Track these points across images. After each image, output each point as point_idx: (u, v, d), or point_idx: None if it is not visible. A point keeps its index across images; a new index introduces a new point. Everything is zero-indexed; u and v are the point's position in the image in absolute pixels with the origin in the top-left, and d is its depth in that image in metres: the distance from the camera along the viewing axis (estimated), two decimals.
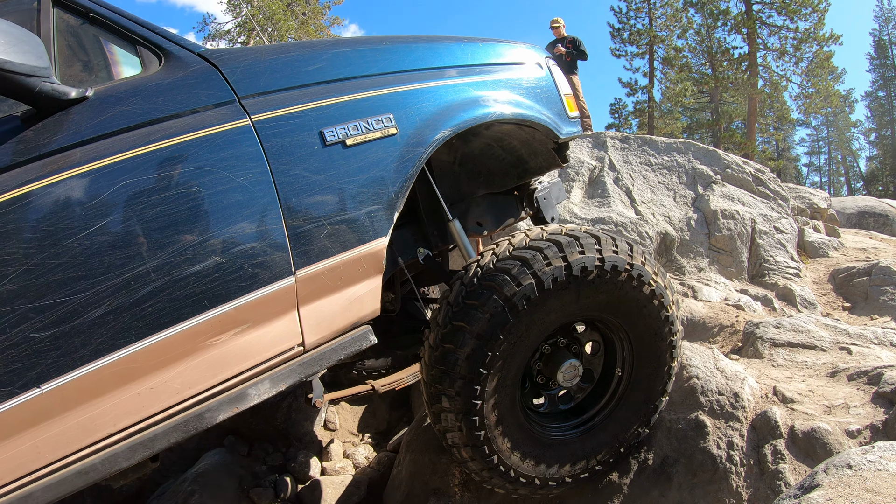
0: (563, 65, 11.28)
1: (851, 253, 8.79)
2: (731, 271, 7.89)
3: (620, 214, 8.01)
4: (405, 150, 2.70)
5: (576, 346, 3.12)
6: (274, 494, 3.89)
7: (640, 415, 3.14)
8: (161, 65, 2.43)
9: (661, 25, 35.73)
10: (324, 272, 2.44)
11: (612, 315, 2.92)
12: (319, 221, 2.44)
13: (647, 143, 9.42)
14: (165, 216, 2.14)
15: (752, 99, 32.56)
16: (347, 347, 2.53)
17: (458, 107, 2.94)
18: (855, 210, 12.01)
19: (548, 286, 2.61)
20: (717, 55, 34.16)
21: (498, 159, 3.79)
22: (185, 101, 2.32)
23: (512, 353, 2.65)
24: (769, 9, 31.56)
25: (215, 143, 2.28)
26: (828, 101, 34.72)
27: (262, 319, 2.31)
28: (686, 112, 43.14)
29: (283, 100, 2.49)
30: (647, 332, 3.00)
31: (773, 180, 9.34)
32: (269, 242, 2.32)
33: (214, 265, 2.20)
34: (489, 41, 3.43)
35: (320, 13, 36.27)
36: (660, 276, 2.93)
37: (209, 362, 2.21)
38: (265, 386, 2.32)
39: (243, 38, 33.22)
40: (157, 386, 2.11)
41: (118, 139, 2.15)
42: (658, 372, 3.09)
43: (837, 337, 4.33)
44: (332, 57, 2.74)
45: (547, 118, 3.35)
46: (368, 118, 2.64)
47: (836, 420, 3.02)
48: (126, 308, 2.04)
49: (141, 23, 2.51)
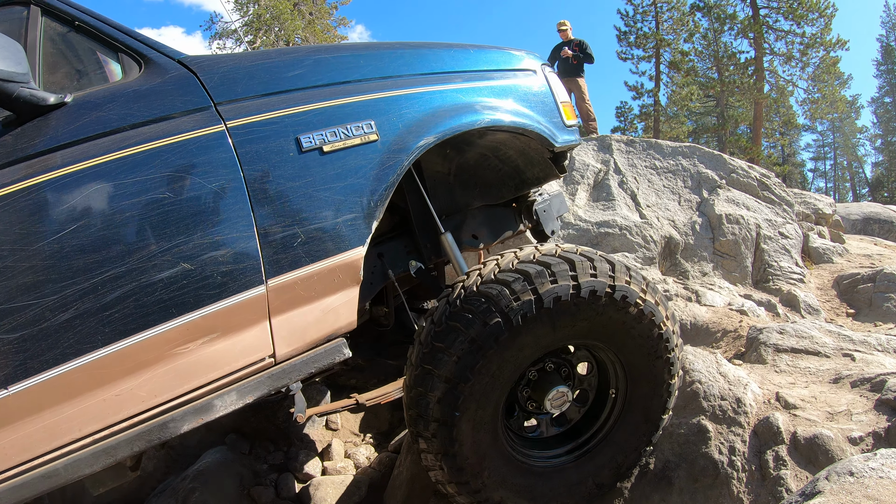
0: (570, 68, 11.30)
1: (856, 259, 8.77)
2: (735, 276, 7.88)
3: (625, 218, 8.00)
4: (386, 157, 2.63)
5: (566, 369, 2.98)
6: (275, 493, 3.89)
7: (641, 435, 3.00)
8: (141, 71, 2.42)
9: (667, 29, 35.68)
10: (297, 282, 2.39)
11: (596, 340, 2.78)
12: (293, 230, 2.39)
13: (653, 147, 9.42)
14: (135, 221, 2.14)
15: (758, 104, 32.49)
16: (319, 360, 2.47)
17: (445, 113, 2.86)
18: (860, 216, 11.99)
19: (517, 323, 2.46)
20: (724, 59, 34.09)
21: (494, 170, 3.69)
22: (161, 106, 2.31)
23: (487, 391, 2.54)
24: (776, 13, 31.51)
25: (188, 149, 2.26)
26: (834, 106, 34.70)
27: (231, 329, 2.27)
28: (692, 116, 43.08)
29: (260, 106, 2.45)
30: (638, 353, 2.83)
31: (778, 185, 9.32)
32: (239, 250, 2.28)
33: (183, 272, 2.17)
34: (481, 47, 3.34)
35: (327, 13, 36.28)
36: (649, 293, 2.76)
37: (176, 371, 2.18)
38: (232, 398, 2.28)
39: (250, 38, 33.24)
40: (123, 393, 2.10)
41: (92, 144, 2.16)
42: (656, 391, 2.93)
43: (841, 343, 4.32)
44: (314, 63, 2.70)
45: (542, 126, 3.24)
46: (347, 124, 2.58)
47: (838, 427, 3.01)
48: (93, 312, 2.04)
49: (123, 30, 2.52)
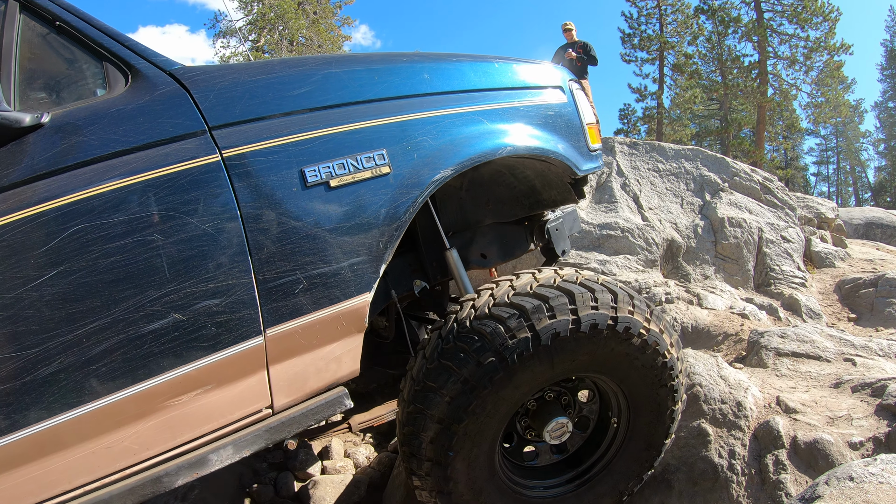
0: (574, 69, 11.29)
1: (858, 264, 8.77)
2: (736, 279, 7.88)
3: (627, 220, 8.01)
4: (398, 192, 2.38)
5: (566, 397, 2.85)
6: (274, 492, 3.90)
7: (643, 462, 2.88)
8: (127, 85, 2.15)
9: (671, 32, 35.69)
10: (297, 331, 2.20)
11: (598, 372, 2.64)
12: (294, 275, 2.18)
13: (656, 150, 9.42)
14: (121, 267, 1.93)
15: (762, 107, 32.48)
16: (320, 412, 2.29)
17: (464, 141, 2.59)
18: (862, 221, 11.99)
19: (512, 362, 2.32)
20: (728, 63, 34.07)
21: (509, 187, 3.44)
22: (149, 131, 2.05)
23: (482, 429, 2.41)
24: (780, 17, 31.49)
25: (179, 184, 2.02)
26: (837, 110, 34.74)
27: (226, 380, 2.11)
28: (695, 119, 43.07)
29: (261, 131, 2.20)
30: (642, 383, 2.68)
31: (780, 189, 9.32)
32: (235, 299, 2.08)
33: (174, 323, 1.99)
34: (506, 61, 3.02)
35: (331, 13, 36.29)
36: (654, 321, 2.61)
37: (168, 424, 2.04)
38: (228, 451, 2.11)
39: (254, 36, 33.28)
40: (114, 446, 1.97)
41: (71, 176, 1.93)
42: (660, 418, 2.79)
43: (842, 348, 4.31)
44: (323, 80, 2.41)
45: (565, 152, 2.96)
46: (357, 155, 2.32)
47: (838, 431, 3.01)
48: (77, 367, 1.88)
49: (109, 33, 2.22)
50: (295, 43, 33.09)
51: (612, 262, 7.58)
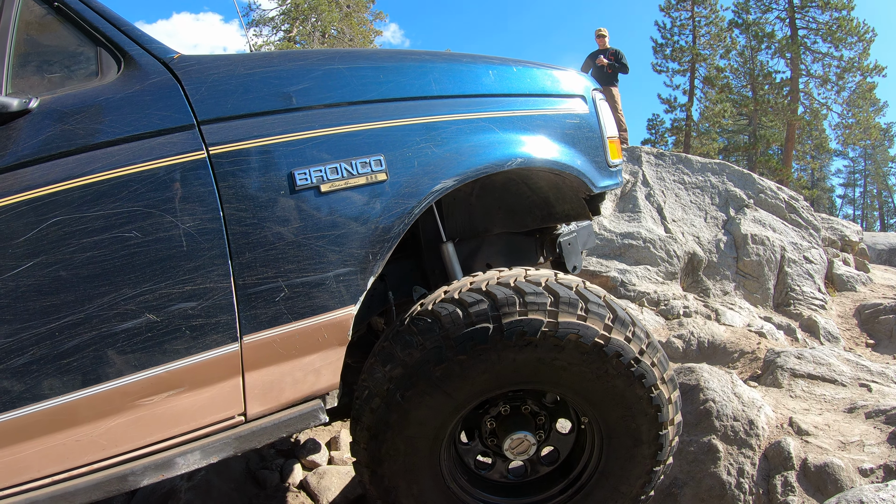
0: (604, 76, 11.29)
1: (879, 289, 8.69)
2: (756, 297, 7.83)
3: (650, 231, 7.99)
4: (394, 202, 2.23)
5: (542, 419, 2.64)
6: (279, 478, 3.92)
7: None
8: (119, 72, 2.06)
9: (704, 44, 35.46)
10: (276, 340, 2.10)
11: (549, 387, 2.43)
12: (276, 282, 2.07)
13: (682, 162, 9.39)
14: (97, 263, 1.88)
15: (791, 125, 32.21)
16: (293, 425, 2.17)
17: (470, 150, 2.41)
18: (886, 246, 11.86)
19: (461, 349, 2.19)
20: (759, 78, 33.84)
21: (521, 197, 3.22)
22: (136, 122, 1.97)
23: (415, 443, 2.30)
24: (815, 35, 31.26)
25: (161, 179, 1.94)
26: (867, 133, 34.32)
27: (200, 384, 2.04)
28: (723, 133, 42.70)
29: (252, 128, 2.08)
30: (617, 417, 2.41)
31: (806, 209, 9.26)
32: (212, 303, 1.99)
33: (147, 324, 1.93)
34: (526, 65, 2.82)
35: (364, 6, 36.39)
36: (624, 329, 2.33)
37: (138, 423, 1.99)
38: (195, 456, 2.03)
39: (287, 26, 33.46)
40: (83, 439, 1.93)
41: (54, 165, 1.87)
42: (632, 470, 2.51)
43: (858, 373, 4.29)
44: (324, 76, 2.25)
45: (581, 168, 2.74)
46: (353, 159, 2.18)
47: (849, 457, 2.99)
48: (49, 360, 1.84)
49: (106, 15, 2.12)
50: (327, 35, 33.24)
51: (632, 271, 7.56)
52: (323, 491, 3.72)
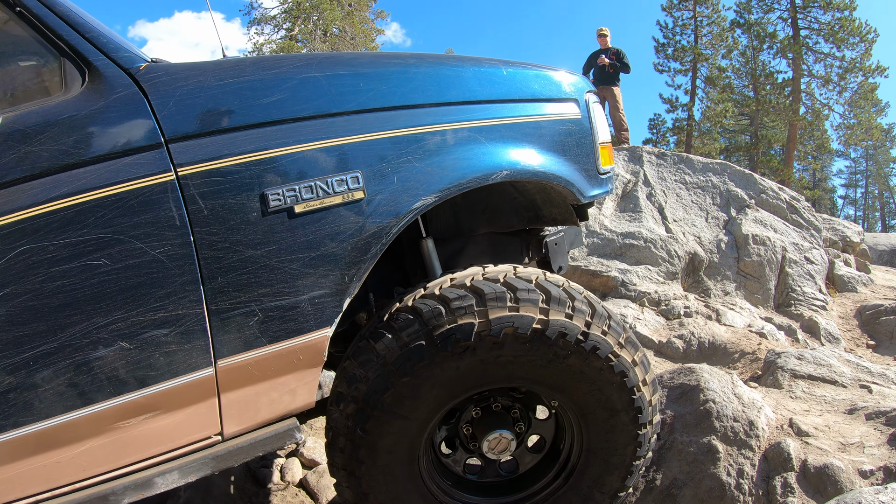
0: (606, 76, 11.30)
1: (880, 290, 8.69)
2: (757, 298, 7.83)
3: (651, 231, 7.99)
4: (371, 221, 2.13)
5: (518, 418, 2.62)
6: (279, 476, 3.93)
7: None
8: (83, 85, 1.92)
9: (706, 44, 35.45)
10: (251, 363, 2.05)
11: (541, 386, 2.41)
12: (249, 307, 2.00)
13: (684, 162, 9.39)
14: (67, 292, 1.82)
15: (793, 125, 32.21)
16: (269, 444, 2.13)
17: (453, 163, 2.29)
18: (888, 247, 11.88)
19: (441, 348, 2.16)
20: (761, 78, 33.84)
21: (508, 198, 3.09)
22: (101, 142, 1.87)
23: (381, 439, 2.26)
24: (817, 35, 31.27)
25: (129, 205, 1.85)
26: (869, 133, 34.39)
27: (175, 406, 2.01)
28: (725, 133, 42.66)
29: (222, 146, 1.96)
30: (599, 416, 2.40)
31: (807, 209, 9.26)
32: (185, 329, 1.94)
33: (121, 351, 1.88)
34: (517, 67, 2.68)
35: (366, 5, 36.39)
36: (601, 322, 2.31)
37: (116, 445, 1.96)
38: (174, 476, 2.00)
39: (288, 25, 33.45)
40: (64, 461, 1.91)
41: (19, 191, 1.78)
42: (609, 468, 2.51)
43: (859, 374, 4.29)
44: (299, 85, 2.13)
45: (570, 178, 2.63)
46: (329, 177, 2.07)
47: (849, 458, 2.99)
48: (25, 388, 1.81)
49: (71, 20, 1.96)
50: (329, 34, 33.25)
51: (633, 271, 7.57)
52: (322, 490, 3.72)
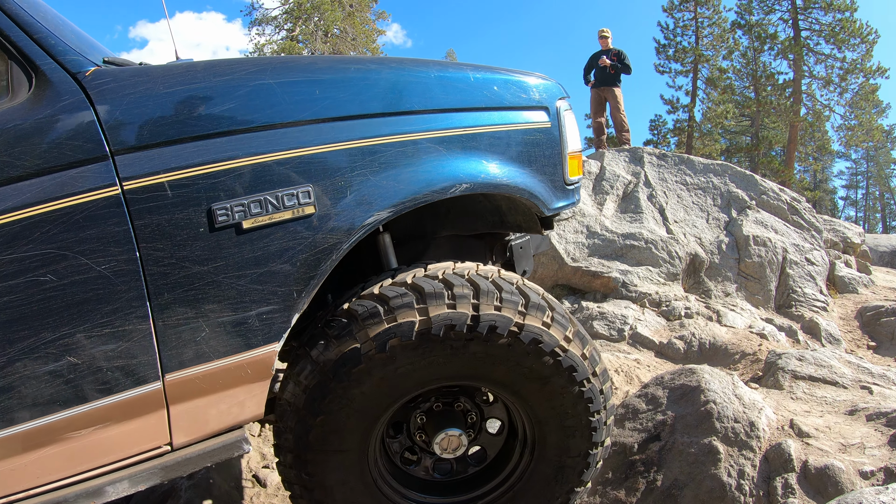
0: (607, 77, 11.30)
1: (881, 292, 8.69)
2: (757, 299, 7.83)
3: (651, 232, 7.99)
4: (322, 237, 2.08)
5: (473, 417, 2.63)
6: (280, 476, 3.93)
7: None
8: (30, 91, 1.85)
9: (707, 45, 35.46)
10: (199, 377, 2.03)
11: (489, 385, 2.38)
12: (196, 322, 1.98)
13: (685, 163, 9.39)
14: (15, 308, 1.79)
15: (794, 126, 32.22)
16: (217, 454, 2.11)
17: (410, 176, 2.23)
18: (888, 248, 11.88)
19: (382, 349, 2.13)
20: (762, 79, 33.86)
21: (473, 201, 3.00)
22: (46, 154, 1.80)
23: None
24: (817, 36, 31.31)
25: (74, 220, 1.81)
26: (870, 134, 34.42)
27: (125, 418, 1.99)
28: (726, 134, 42.68)
29: (170, 158, 1.90)
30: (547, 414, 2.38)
31: (808, 210, 9.26)
32: (132, 344, 1.92)
33: (69, 366, 1.86)
34: (485, 71, 2.56)
35: (367, 6, 36.41)
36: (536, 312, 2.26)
37: (67, 454, 1.95)
38: (124, 485, 1.99)
39: (289, 26, 33.46)
40: (17, 469, 1.91)
41: None
42: (561, 469, 2.49)
43: (860, 375, 4.29)
44: (251, 93, 2.04)
45: (534, 189, 2.54)
46: (278, 192, 2.01)
47: (850, 459, 2.99)
48: None
49: (20, 20, 1.87)
50: (330, 34, 33.28)
51: (633, 272, 7.57)
52: None
